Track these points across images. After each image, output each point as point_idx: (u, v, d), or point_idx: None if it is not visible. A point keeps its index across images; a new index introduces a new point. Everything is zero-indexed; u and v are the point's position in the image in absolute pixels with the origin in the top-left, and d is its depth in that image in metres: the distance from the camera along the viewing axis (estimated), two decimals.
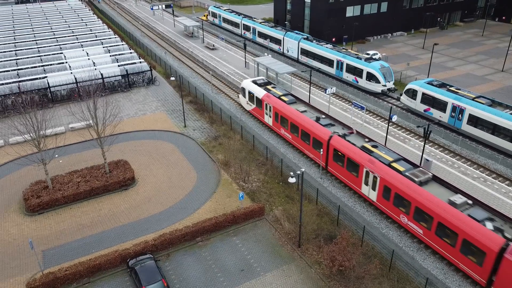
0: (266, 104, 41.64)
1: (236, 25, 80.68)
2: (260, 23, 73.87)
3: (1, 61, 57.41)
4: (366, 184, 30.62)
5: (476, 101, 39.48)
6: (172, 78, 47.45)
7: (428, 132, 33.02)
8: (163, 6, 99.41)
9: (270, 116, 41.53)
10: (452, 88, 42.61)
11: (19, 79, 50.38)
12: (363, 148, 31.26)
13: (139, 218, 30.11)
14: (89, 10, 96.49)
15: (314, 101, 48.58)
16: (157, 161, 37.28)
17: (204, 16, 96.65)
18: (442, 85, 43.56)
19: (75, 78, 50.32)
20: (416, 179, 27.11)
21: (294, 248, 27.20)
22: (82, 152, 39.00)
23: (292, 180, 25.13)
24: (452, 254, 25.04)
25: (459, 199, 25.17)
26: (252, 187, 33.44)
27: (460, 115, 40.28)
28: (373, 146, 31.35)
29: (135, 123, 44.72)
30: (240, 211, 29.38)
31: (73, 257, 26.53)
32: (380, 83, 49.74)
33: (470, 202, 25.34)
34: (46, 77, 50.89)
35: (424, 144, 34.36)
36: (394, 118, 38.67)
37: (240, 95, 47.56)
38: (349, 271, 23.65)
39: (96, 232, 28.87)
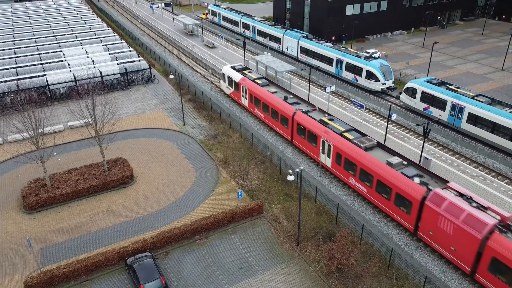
0: (242, 87, 45.50)
1: (235, 23, 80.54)
2: (259, 21, 73.73)
3: (0, 59, 57.26)
4: (323, 152, 34.53)
5: (475, 99, 39.41)
6: (171, 77, 47.36)
7: (427, 130, 32.95)
8: (163, 4, 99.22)
9: (246, 98, 45.49)
10: (451, 87, 42.54)
11: (18, 77, 50.27)
12: (321, 121, 35.25)
13: (137, 216, 30.05)
14: (88, 8, 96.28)
15: (314, 100, 48.52)
16: (156, 159, 37.20)
17: (204, 14, 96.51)
18: (441, 84, 43.50)
19: (74, 76, 50.22)
20: (362, 145, 31.06)
21: (293, 246, 27.14)
22: (80, 150, 38.92)
23: (291, 178, 25.05)
24: (388, 207, 28.97)
25: (395, 160, 29.08)
26: (251, 185, 33.37)
27: (459, 114, 40.22)
28: (330, 120, 35.44)
29: (134, 121, 44.62)
30: (239, 209, 29.32)
31: (71, 255, 26.48)
32: (379, 81, 49.66)
33: (405, 162, 29.15)
34: (45, 75, 50.75)
35: (424, 142, 34.29)
36: (394, 117, 38.63)
37: (221, 81, 50.95)
38: (348, 269, 23.59)
39: (94, 230, 28.80)
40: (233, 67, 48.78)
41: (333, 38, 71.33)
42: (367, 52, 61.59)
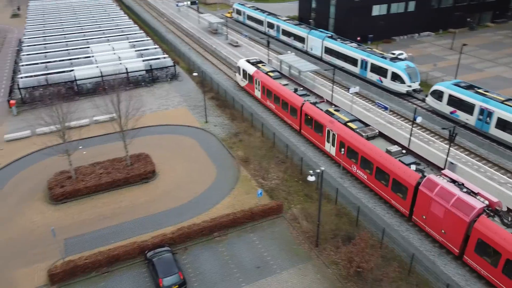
0: (256, 79, 47.50)
1: (260, 22, 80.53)
2: (284, 20, 73.52)
3: (31, 54, 59.03)
4: (328, 141, 36.27)
5: (505, 104, 38.16)
6: (195, 74, 47.73)
7: (454, 134, 32.12)
8: (188, 2, 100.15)
9: (259, 90, 47.51)
10: (480, 90, 41.33)
11: (47, 72, 51.68)
12: (327, 112, 36.98)
13: (158, 211, 30.45)
14: (116, 5, 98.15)
15: (337, 100, 48.03)
16: (177, 155, 37.60)
17: (229, 13, 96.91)
18: (469, 87, 42.31)
19: (101, 72, 51.26)
20: (364, 134, 32.83)
21: (311, 247, 26.96)
22: (105, 145, 39.72)
23: (311, 178, 24.86)
24: (386, 192, 30.60)
25: (394, 148, 30.67)
26: (271, 185, 33.31)
27: (488, 118, 39.05)
28: (336, 110, 37.20)
29: (157, 117, 45.22)
30: (258, 208, 29.32)
31: (93, 247, 27.06)
32: (405, 83, 48.74)
33: (404, 151, 30.80)
34: (72, 70, 52.03)
35: (449, 146, 33.45)
36: (419, 120, 37.80)
37: (237, 74, 53.03)
38: (367, 273, 23.27)
39: (116, 223, 29.35)
40: (247, 61, 50.83)
41: (358, 38, 70.32)
42: (393, 53, 60.54)
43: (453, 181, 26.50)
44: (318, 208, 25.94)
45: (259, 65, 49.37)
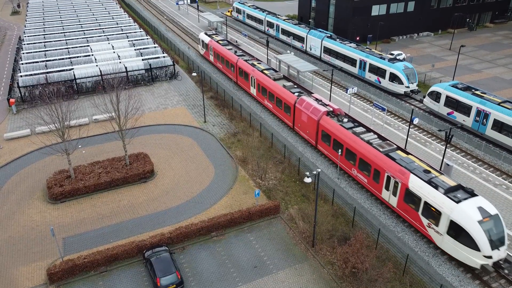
0: (210, 47, 60.33)
1: (260, 21, 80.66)
2: (283, 20, 73.64)
3: (31, 52, 59.19)
4: (252, 85, 48.30)
5: (502, 106, 38.43)
6: (194, 74, 47.92)
7: (450, 136, 32.40)
8: (188, 1, 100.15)
9: (212, 55, 60.40)
10: (477, 92, 41.58)
11: (47, 70, 51.88)
12: (252, 64, 49.03)
13: (156, 211, 30.74)
14: (116, 3, 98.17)
15: (335, 100, 48.27)
16: (176, 155, 37.87)
17: (229, 11, 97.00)
18: (467, 89, 42.56)
19: (100, 71, 51.46)
20: (271, 76, 45.24)
21: (307, 247, 27.26)
22: (104, 144, 39.97)
23: (307, 180, 25.12)
24: (280, 113, 43.19)
25: (288, 84, 43.63)
26: (269, 185, 33.60)
27: (484, 120, 39.33)
28: (258, 63, 49.68)
29: (156, 116, 45.47)
30: (255, 208, 29.61)
31: (92, 246, 27.36)
32: (403, 84, 48.97)
33: (295, 86, 43.60)
34: (72, 69, 52.22)
35: (446, 148, 33.74)
36: (416, 121, 38.04)
37: (199, 45, 65.36)
38: (362, 273, 23.56)
39: (114, 222, 29.64)
40: (205, 33, 63.70)
41: (357, 38, 70.57)
42: (392, 54, 60.75)
43: (316, 100, 38.92)
44: (314, 209, 26.23)
45: (213, 36, 62.30)
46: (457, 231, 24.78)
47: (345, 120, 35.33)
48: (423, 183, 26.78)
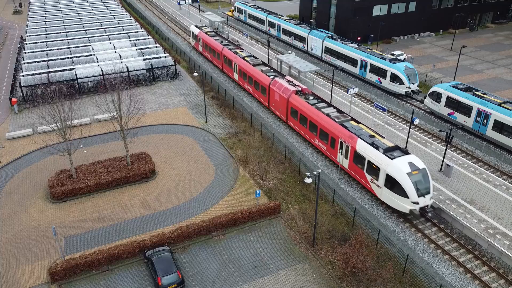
0: (199, 38, 64.85)
1: (261, 21, 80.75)
2: (285, 20, 73.73)
3: (32, 52, 59.36)
4: (234, 71, 53.03)
5: (502, 106, 38.49)
6: (195, 74, 48.08)
7: (450, 136, 32.47)
8: (190, 0, 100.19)
9: (201, 45, 64.85)
10: (478, 93, 41.64)
11: (49, 70, 52.04)
12: (234, 52, 54.33)
13: (157, 210, 30.89)
14: (117, 3, 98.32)
15: (336, 101, 48.37)
16: (177, 155, 38.01)
17: (230, 11, 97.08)
18: (467, 89, 42.62)
19: (102, 71, 51.60)
20: (251, 62, 49.94)
21: (308, 247, 27.39)
22: (105, 144, 40.13)
23: (308, 180, 25.25)
24: (257, 94, 48.24)
25: (266, 69, 48.69)
26: (269, 185, 33.72)
27: (485, 121, 39.40)
28: (241, 51, 54.31)
29: (158, 116, 45.62)
30: (256, 208, 29.74)
31: (93, 245, 27.52)
32: (404, 84, 49.04)
33: (272, 71, 48.75)
34: (74, 68, 52.37)
35: (446, 148, 33.81)
36: (416, 121, 38.11)
37: (190, 38, 70.15)
38: (362, 274, 23.68)
39: (116, 222, 29.80)
40: (196, 26, 67.99)
41: (358, 38, 70.61)
42: (393, 54, 60.80)
43: (288, 81, 43.48)
44: (315, 209, 26.34)
45: (203, 28, 66.99)
46: (392, 183, 29.47)
47: (311, 97, 40.31)
48: (367, 145, 31.54)
